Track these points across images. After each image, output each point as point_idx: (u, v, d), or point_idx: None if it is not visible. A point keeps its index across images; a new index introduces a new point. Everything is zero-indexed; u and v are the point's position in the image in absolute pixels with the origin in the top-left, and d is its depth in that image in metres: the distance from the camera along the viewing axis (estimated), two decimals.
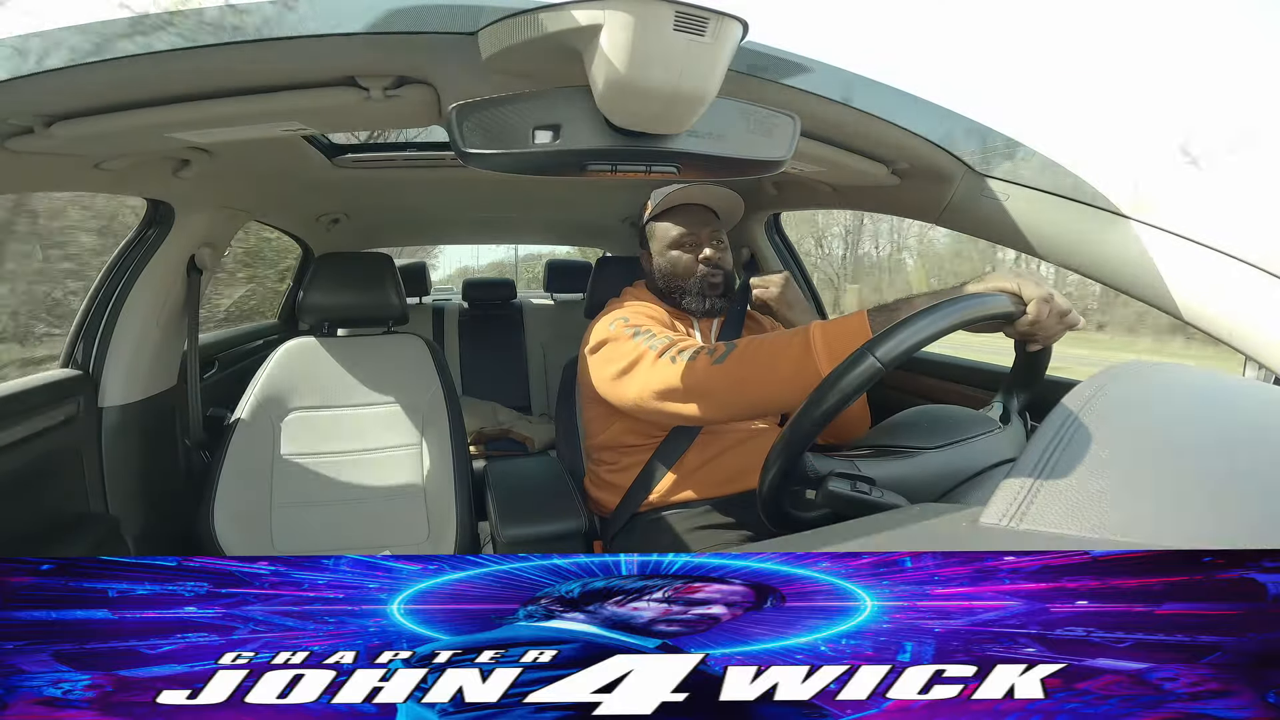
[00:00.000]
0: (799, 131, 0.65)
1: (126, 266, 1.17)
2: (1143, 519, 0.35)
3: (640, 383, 0.89)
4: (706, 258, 1.06)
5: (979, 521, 0.38)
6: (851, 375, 0.57)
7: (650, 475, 1.03)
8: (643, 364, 0.89)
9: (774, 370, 0.76)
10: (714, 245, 1.07)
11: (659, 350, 0.87)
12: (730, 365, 0.79)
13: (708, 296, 1.06)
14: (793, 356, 0.75)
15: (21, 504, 0.95)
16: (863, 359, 0.57)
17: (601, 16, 0.52)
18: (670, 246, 1.08)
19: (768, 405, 0.79)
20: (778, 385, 0.76)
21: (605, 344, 0.97)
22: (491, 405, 2.40)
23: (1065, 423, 0.41)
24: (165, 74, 0.65)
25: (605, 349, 0.97)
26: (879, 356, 0.56)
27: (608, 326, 0.99)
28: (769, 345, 0.79)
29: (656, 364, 0.86)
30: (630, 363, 0.90)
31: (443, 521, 1.25)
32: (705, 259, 1.06)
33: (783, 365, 0.75)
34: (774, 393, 0.77)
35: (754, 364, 0.78)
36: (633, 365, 0.90)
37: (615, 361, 0.93)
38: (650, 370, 0.87)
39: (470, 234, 2.84)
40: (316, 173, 1.34)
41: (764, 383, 0.77)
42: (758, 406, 0.80)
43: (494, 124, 0.56)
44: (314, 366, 1.31)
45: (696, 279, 1.06)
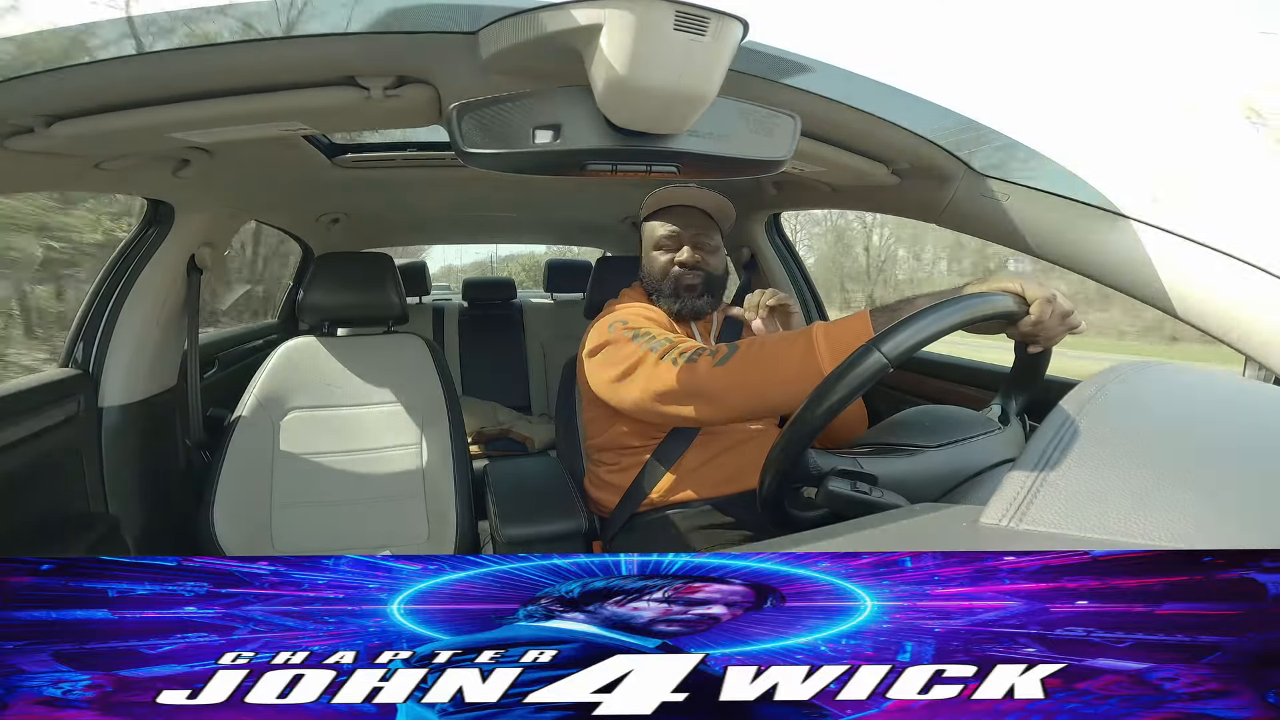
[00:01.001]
0: (799, 131, 0.65)
1: (127, 266, 1.17)
2: (1143, 519, 0.35)
3: (641, 385, 0.89)
4: (682, 260, 1.06)
5: (979, 521, 0.38)
6: (857, 370, 0.57)
7: (649, 475, 1.03)
8: (644, 367, 0.89)
9: (776, 371, 0.76)
10: (694, 246, 1.06)
11: (660, 352, 0.87)
12: (732, 366, 0.79)
13: (681, 297, 1.06)
14: (795, 357, 0.75)
15: (21, 504, 0.95)
16: (868, 354, 0.57)
17: (602, 16, 0.52)
18: (653, 247, 1.09)
19: (770, 406, 0.79)
20: (780, 386, 0.76)
21: (604, 347, 0.97)
22: (491, 405, 2.40)
23: (1065, 423, 0.41)
24: (165, 74, 0.65)
25: (605, 352, 0.97)
26: (885, 352, 0.56)
27: (606, 329, 0.99)
28: (771, 346, 0.79)
29: (658, 366, 0.86)
30: (631, 365, 0.90)
31: (443, 521, 1.25)
32: (681, 261, 1.06)
33: (785, 366, 0.75)
34: (776, 393, 0.77)
35: (756, 365, 0.78)
36: (634, 368, 0.90)
37: (616, 365, 0.93)
38: (651, 372, 0.87)
39: (470, 234, 2.84)
40: (316, 172, 1.34)
41: (766, 383, 0.77)
42: (760, 407, 0.80)
43: (494, 123, 0.56)
44: (314, 366, 1.31)
45: (670, 280, 1.06)
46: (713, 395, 0.81)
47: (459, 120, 0.56)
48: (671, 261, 1.06)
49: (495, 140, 0.56)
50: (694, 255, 1.06)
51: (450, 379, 1.36)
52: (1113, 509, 0.36)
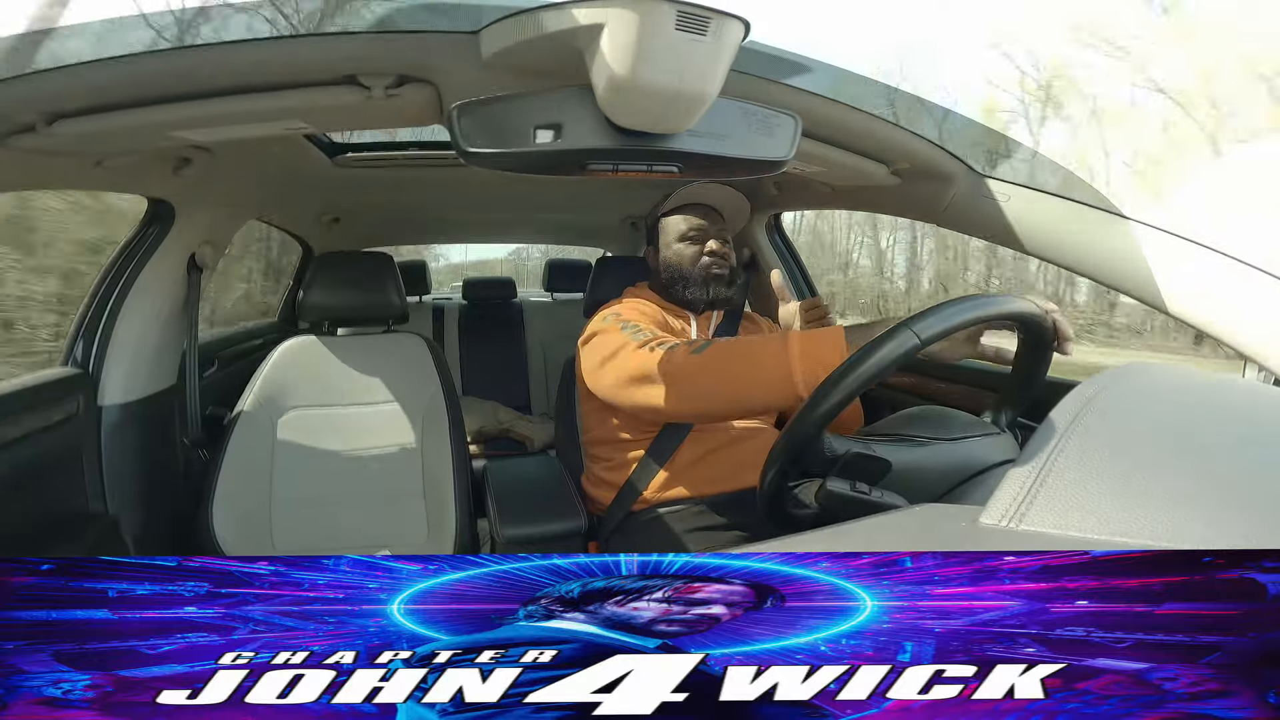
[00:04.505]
0: (800, 131, 0.66)
1: (127, 265, 1.16)
2: (1143, 519, 0.35)
3: (616, 370, 0.92)
4: (712, 250, 1.11)
5: (979, 521, 0.38)
6: (889, 346, 0.58)
7: (643, 472, 1.04)
8: (623, 352, 0.92)
9: (748, 363, 0.79)
10: (720, 241, 1.12)
11: (640, 342, 0.91)
12: (706, 356, 0.82)
13: (711, 285, 1.10)
14: (768, 353, 0.78)
15: (20, 503, 0.95)
16: (900, 332, 0.58)
17: (603, 16, 0.52)
18: (678, 240, 1.13)
19: (736, 397, 0.81)
20: (748, 381, 0.79)
21: (594, 336, 1.01)
22: (491, 405, 2.40)
23: (1066, 423, 0.41)
24: (167, 72, 0.65)
25: (593, 340, 1.01)
26: (917, 331, 0.58)
27: (601, 320, 1.03)
28: (747, 342, 0.82)
29: (636, 352, 0.89)
30: (612, 352, 0.94)
31: (442, 521, 1.25)
32: (711, 251, 1.11)
33: (757, 361, 0.78)
34: (744, 388, 0.80)
35: (729, 357, 0.81)
36: (613, 354, 0.93)
37: (599, 351, 0.97)
38: (628, 357, 0.90)
39: (470, 234, 2.83)
40: (317, 171, 1.34)
41: (736, 375, 0.80)
42: (726, 398, 0.82)
43: (495, 123, 0.56)
44: (314, 365, 1.30)
45: (700, 269, 1.11)
46: (681, 381, 0.83)
47: (459, 120, 0.56)
48: (700, 252, 1.11)
49: (496, 140, 0.56)
50: (723, 247, 1.12)
51: (450, 378, 1.36)
52: (1113, 509, 0.36)
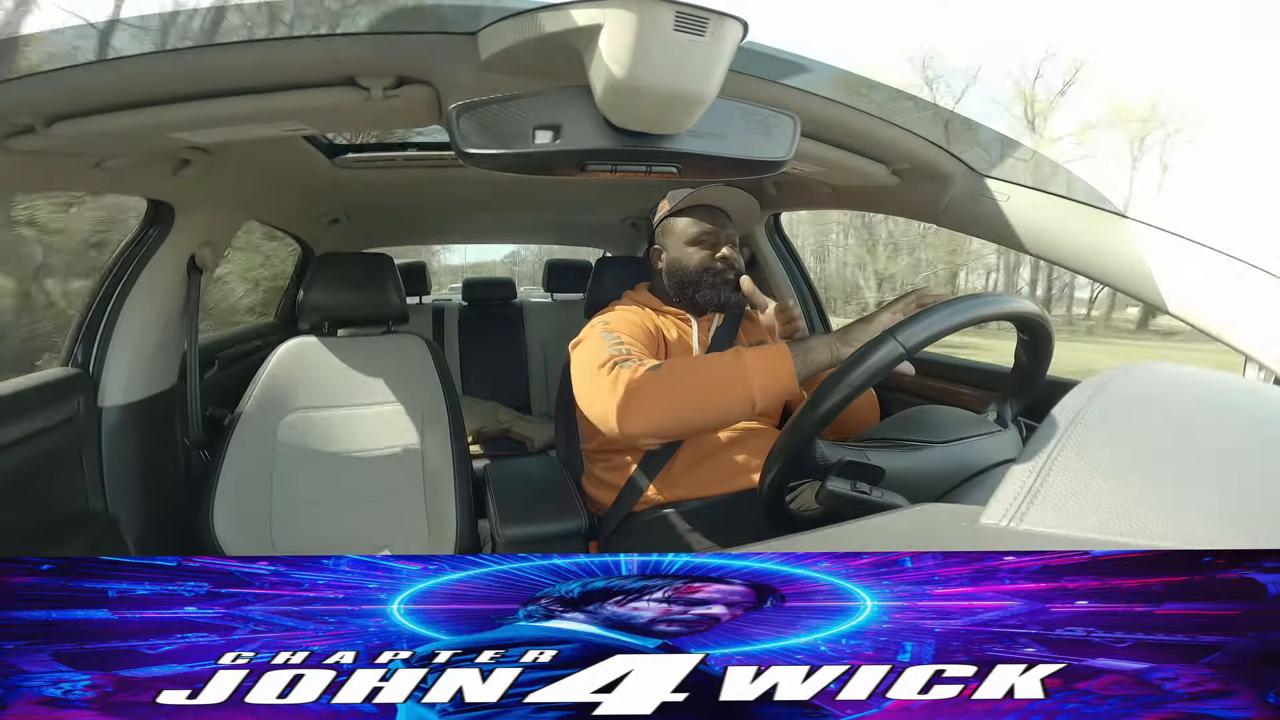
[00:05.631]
0: (799, 131, 0.66)
1: (127, 266, 1.16)
2: (1143, 519, 0.35)
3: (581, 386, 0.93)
4: (724, 256, 1.10)
5: (979, 521, 0.38)
6: (875, 356, 0.59)
7: (643, 473, 1.04)
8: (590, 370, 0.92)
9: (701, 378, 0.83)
10: (730, 245, 1.12)
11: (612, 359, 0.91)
12: (663, 371, 0.85)
13: (722, 290, 1.11)
14: (723, 364, 0.82)
15: (21, 503, 0.95)
16: (885, 342, 0.59)
17: (601, 16, 0.52)
18: (689, 243, 1.12)
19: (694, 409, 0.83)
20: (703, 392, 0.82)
21: (580, 344, 1.02)
22: (491, 405, 2.40)
23: (1066, 423, 0.41)
24: (166, 73, 0.65)
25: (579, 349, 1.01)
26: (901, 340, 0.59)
27: (590, 328, 1.04)
28: (702, 359, 0.88)
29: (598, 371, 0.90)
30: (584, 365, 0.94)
31: (442, 521, 1.25)
32: (722, 257, 1.10)
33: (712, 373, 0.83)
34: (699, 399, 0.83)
35: (686, 371, 0.85)
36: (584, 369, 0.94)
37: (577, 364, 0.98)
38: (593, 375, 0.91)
39: (470, 234, 2.83)
40: (317, 172, 1.34)
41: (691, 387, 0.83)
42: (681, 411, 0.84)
43: (494, 124, 0.56)
44: (314, 366, 1.30)
45: (710, 273, 1.10)
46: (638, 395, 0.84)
47: (458, 120, 0.56)
48: (711, 256, 1.11)
49: (495, 140, 0.56)
50: (734, 252, 1.12)
51: (450, 379, 1.36)
52: (1113, 509, 0.36)
